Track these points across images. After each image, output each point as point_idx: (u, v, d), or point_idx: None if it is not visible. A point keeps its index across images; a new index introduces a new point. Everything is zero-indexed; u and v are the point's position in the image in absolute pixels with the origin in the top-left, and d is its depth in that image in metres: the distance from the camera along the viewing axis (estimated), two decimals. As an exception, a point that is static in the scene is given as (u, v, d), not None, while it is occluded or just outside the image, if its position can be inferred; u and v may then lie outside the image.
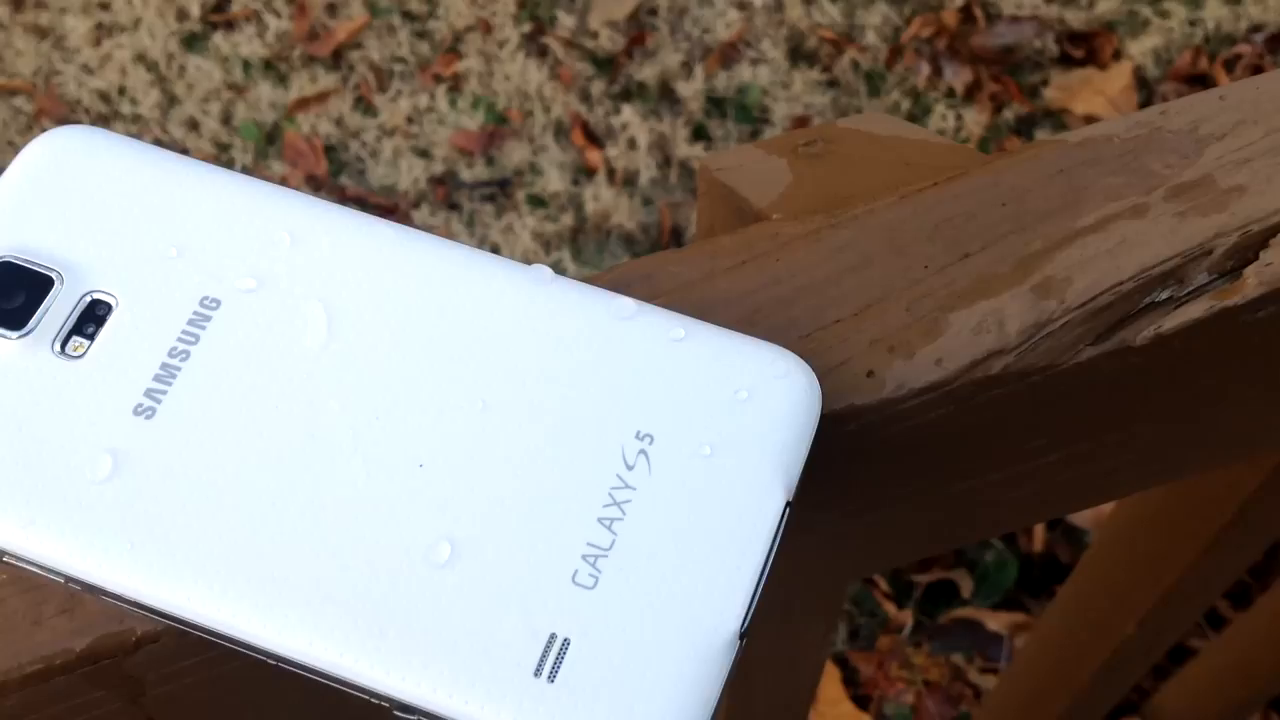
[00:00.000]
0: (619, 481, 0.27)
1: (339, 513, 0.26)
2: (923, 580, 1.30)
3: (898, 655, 1.23)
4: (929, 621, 1.27)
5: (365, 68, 1.55)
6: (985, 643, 1.25)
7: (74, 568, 0.26)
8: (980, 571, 1.31)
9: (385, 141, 1.48)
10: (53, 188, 0.29)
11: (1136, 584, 0.68)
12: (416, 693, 0.25)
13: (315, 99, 1.52)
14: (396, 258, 0.29)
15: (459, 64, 1.55)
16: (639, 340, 0.28)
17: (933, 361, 0.28)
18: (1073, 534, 1.33)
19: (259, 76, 1.53)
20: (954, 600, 1.29)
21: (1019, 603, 1.30)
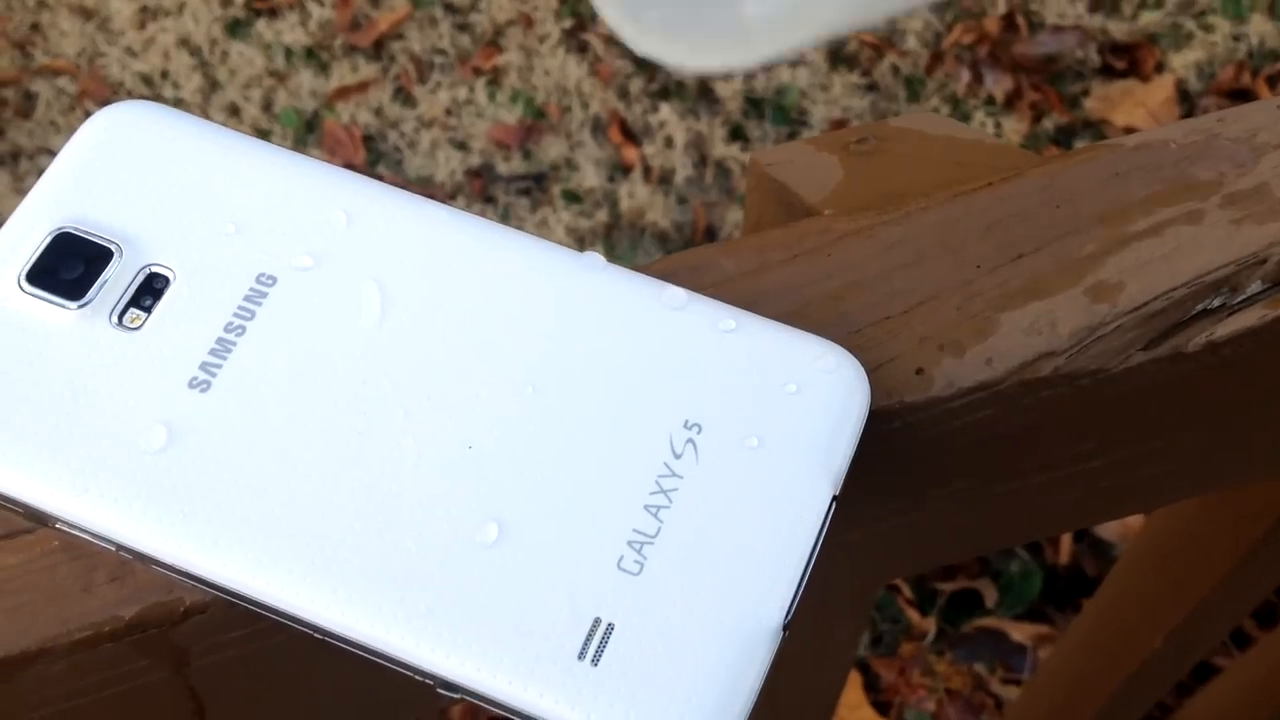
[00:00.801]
0: (666, 470, 0.27)
1: (388, 490, 0.27)
2: (947, 589, 1.29)
3: (920, 662, 1.23)
4: (952, 630, 1.27)
5: (406, 59, 1.55)
6: (1008, 653, 1.25)
7: (125, 536, 0.26)
8: (1005, 581, 1.31)
9: (423, 133, 1.49)
10: (114, 161, 0.30)
11: (1167, 597, 0.68)
12: (460, 671, 0.25)
13: (355, 88, 1.52)
14: (452, 240, 0.29)
15: (499, 58, 1.56)
16: (689, 330, 0.28)
17: (983, 361, 0.28)
18: (1099, 547, 1.32)
19: (300, 64, 1.54)
20: (977, 610, 1.29)
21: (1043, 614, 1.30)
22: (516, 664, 0.25)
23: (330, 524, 0.26)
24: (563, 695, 0.25)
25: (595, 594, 0.26)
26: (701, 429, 0.27)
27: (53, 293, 0.28)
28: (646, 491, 0.27)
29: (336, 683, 0.31)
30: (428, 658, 0.25)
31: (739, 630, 0.26)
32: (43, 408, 0.27)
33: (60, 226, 0.29)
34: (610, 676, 0.25)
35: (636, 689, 0.25)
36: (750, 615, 0.26)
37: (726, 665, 0.25)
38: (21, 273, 0.28)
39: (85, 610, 0.26)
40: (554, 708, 0.25)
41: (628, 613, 0.26)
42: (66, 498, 0.26)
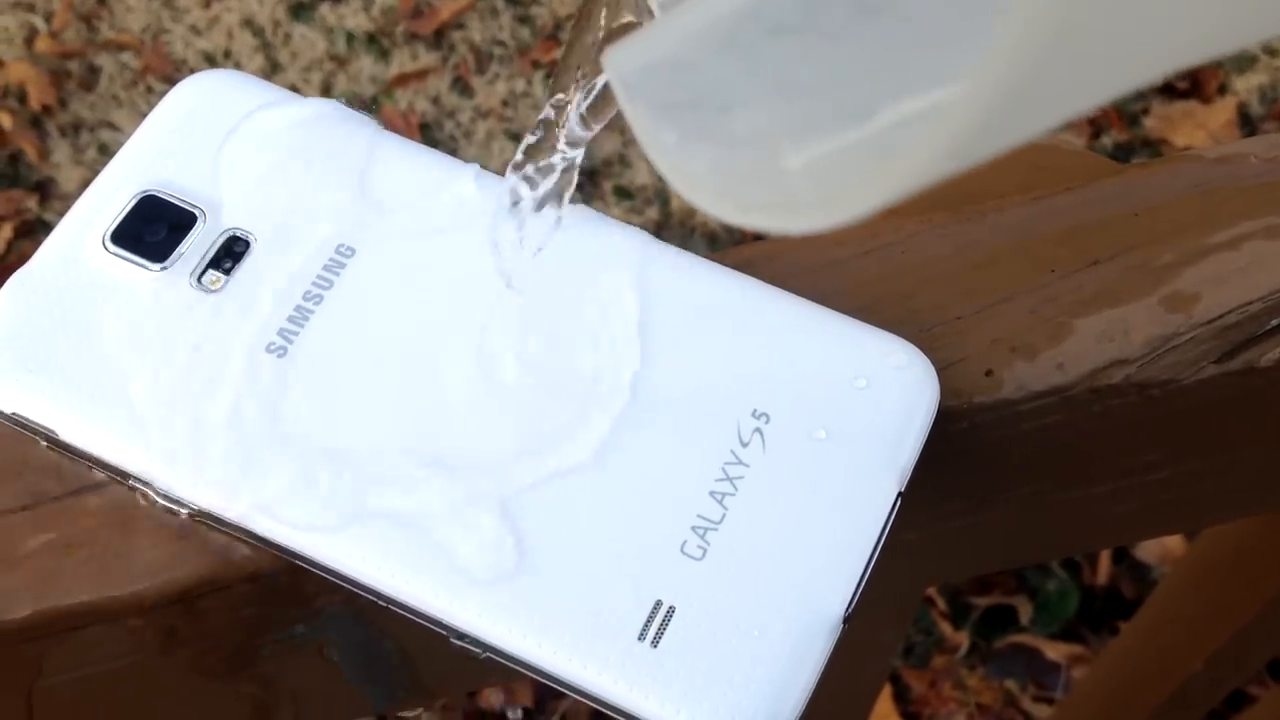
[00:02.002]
0: (733, 457, 0.27)
1: (456, 465, 0.27)
2: (982, 603, 1.29)
3: (951, 675, 1.22)
4: (984, 645, 1.26)
5: (466, 48, 1.56)
6: (1041, 671, 1.24)
7: (197, 497, 0.27)
8: (1041, 599, 1.30)
9: (479, 123, 1.50)
10: (199, 128, 0.30)
11: (1211, 618, 0.67)
12: (520, 646, 0.25)
13: (415, 76, 1.53)
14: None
15: (557, 51, 1.56)
16: (761, 320, 0.28)
17: (1054, 365, 0.28)
18: (1138, 569, 1.31)
19: (361, 50, 1.55)
20: (1011, 626, 1.28)
21: (1077, 634, 1.29)
22: (577, 642, 0.25)
23: (399, 500, 0.26)
24: (621, 674, 0.25)
25: (658, 577, 0.26)
26: (769, 419, 0.27)
27: (136, 253, 0.28)
28: (712, 478, 0.27)
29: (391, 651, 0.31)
30: (489, 630, 0.26)
31: (799, 620, 0.26)
32: (121, 366, 0.27)
33: (145, 189, 0.29)
34: (669, 658, 0.25)
35: (694, 672, 0.25)
36: (811, 606, 0.26)
37: (785, 654, 0.25)
38: (106, 233, 0.29)
39: (153, 567, 0.27)
40: (612, 686, 0.25)
41: (689, 597, 0.26)
42: (141, 455, 0.27)
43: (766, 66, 0.15)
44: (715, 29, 0.15)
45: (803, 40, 0.14)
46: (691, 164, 0.16)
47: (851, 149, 0.14)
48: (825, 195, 0.14)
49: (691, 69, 0.16)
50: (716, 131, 0.16)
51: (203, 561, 0.27)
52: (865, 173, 0.13)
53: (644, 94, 0.17)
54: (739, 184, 0.15)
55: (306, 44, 1.55)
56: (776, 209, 0.15)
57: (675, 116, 0.16)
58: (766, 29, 0.14)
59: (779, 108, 0.15)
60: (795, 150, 0.14)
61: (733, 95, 0.15)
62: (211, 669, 0.31)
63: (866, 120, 0.14)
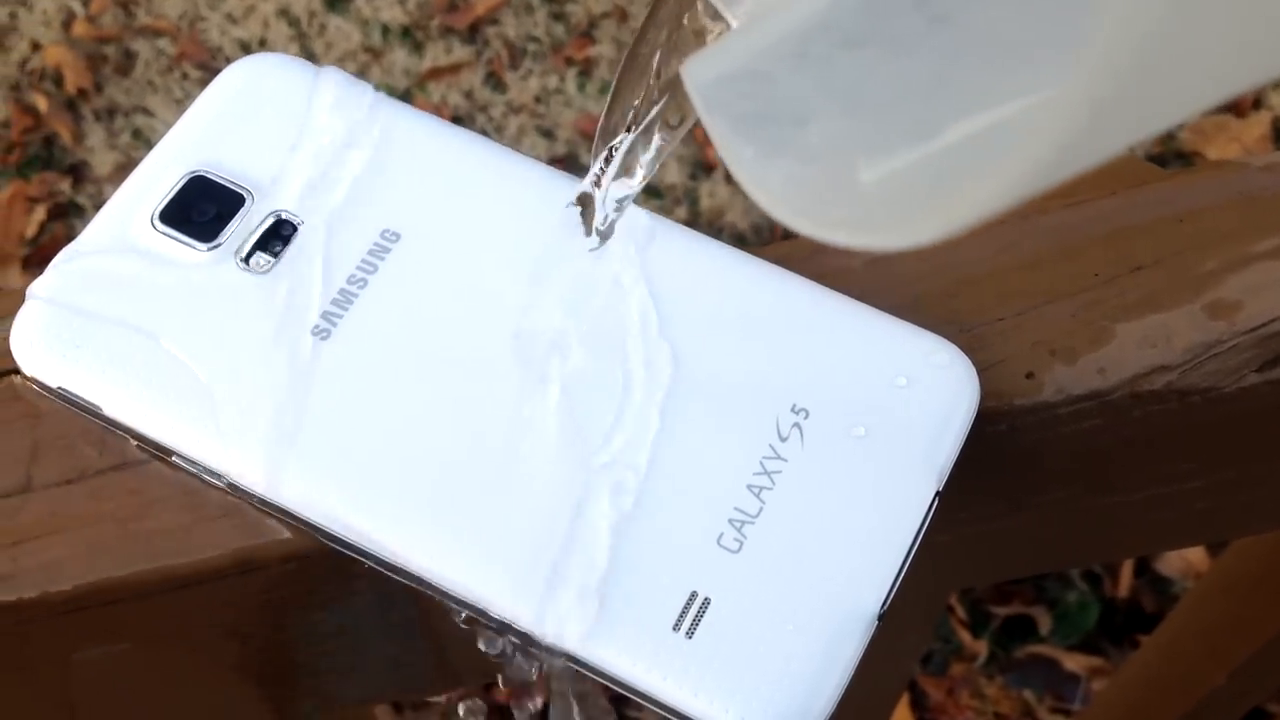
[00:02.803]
0: (771, 452, 0.27)
1: (496, 452, 0.27)
2: (1001, 613, 1.28)
3: (969, 684, 1.22)
4: (1003, 654, 1.26)
5: (500, 44, 1.57)
6: (1060, 682, 1.23)
7: (237, 473, 0.27)
8: (1060, 611, 1.29)
9: (511, 118, 1.50)
10: (248, 110, 0.30)
11: (1235, 632, 0.67)
12: (555, 632, 0.26)
13: (448, 70, 1.54)
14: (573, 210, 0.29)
15: (591, 49, 1.56)
16: (802, 315, 0.28)
17: (1095, 370, 0.28)
18: (1160, 583, 1.30)
19: (396, 42, 1.56)
20: (1030, 636, 1.28)
21: (1097, 646, 1.28)
22: (612, 630, 0.25)
23: (436, 480, 0.27)
24: (655, 664, 0.25)
25: (694, 568, 0.26)
26: (809, 414, 0.27)
27: (183, 233, 0.29)
28: (750, 471, 0.27)
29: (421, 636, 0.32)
30: (522, 616, 0.26)
31: (834, 616, 0.26)
32: (165, 344, 0.28)
33: (194, 170, 0.29)
34: (703, 650, 0.25)
35: (728, 664, 0.25)
36: (846, 603, 0.26)
37: (819, 649, 0.26)
38: (155, 212, 0.29)
39: (193, 544, 0.27)
40: (645, 675, 0.25)
41: (724, 589, 0.26)
42: (183, 432, 0.27)
43: (839, 79, 0.15)
44: (788, 41, 0.15)
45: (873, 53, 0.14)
46: (769, 178, 0.16)
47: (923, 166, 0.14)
48: (900, 214, 0.14)
49: (766, 81, 0.16)
50: (792, 145, 0.16)
51: (241, 540, 0.27)
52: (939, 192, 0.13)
53: (721, 107, 0.17)
54: (815, 199, 0.15)
55: (341, 35, 1.56)
56: (853, 226, 0.15)
57: (752, 130, 0.16)
58: (838, 41, 0.14)
59: (851, 121, 0.15)
60: (869, 166, 0.14)
61: (807, 108, 0.15)
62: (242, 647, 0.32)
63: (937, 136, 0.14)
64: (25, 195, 1.39)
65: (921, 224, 0.13)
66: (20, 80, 1.48)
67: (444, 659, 0.34)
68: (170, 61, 1.52)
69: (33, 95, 1.46)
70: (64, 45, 1.50)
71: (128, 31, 1.54)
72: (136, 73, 1.51)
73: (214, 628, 0.30)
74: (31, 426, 0.28)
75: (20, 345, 0.28)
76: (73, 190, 1.39)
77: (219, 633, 0.30)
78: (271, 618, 0.30)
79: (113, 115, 1.47)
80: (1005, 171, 0.12)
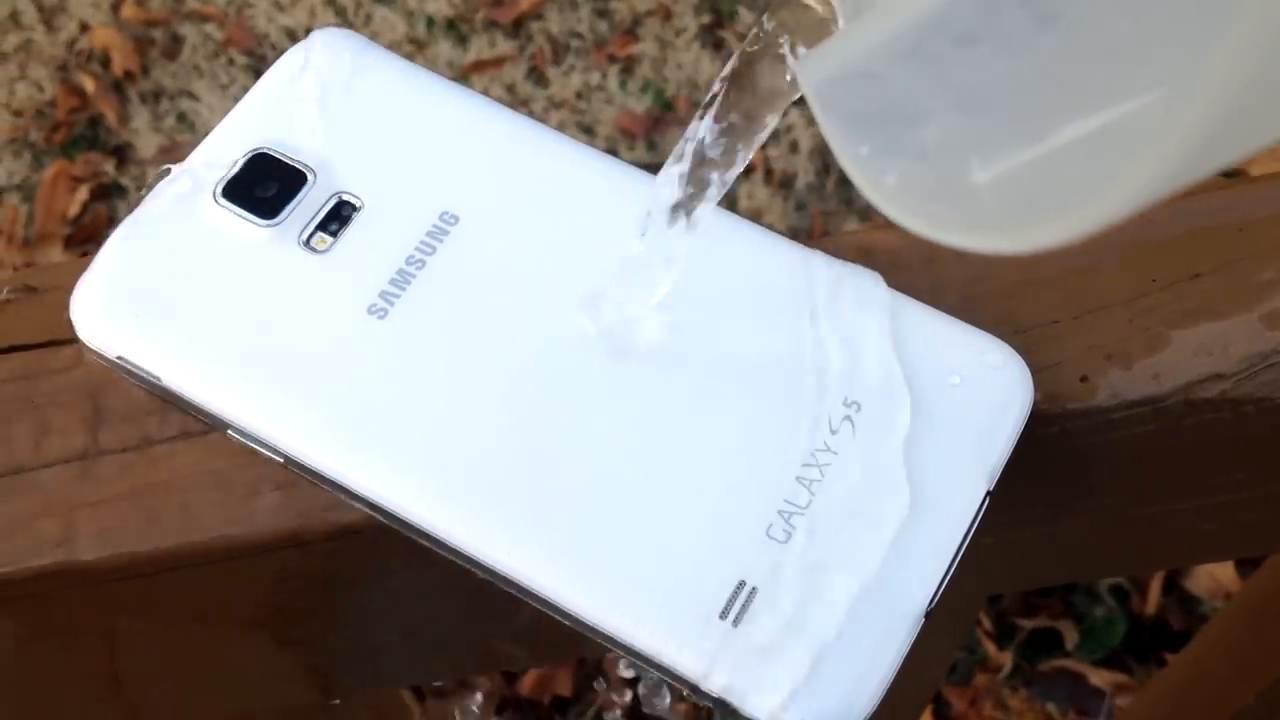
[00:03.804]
0: (822, 445, 0.27)
1: (549, 438, 0.27)
2: (1028, 625, 1.28)
3: (993, 695, 1.21)
4: (1028, 666, 1.25)
5: (543, 39, 1.57)
6: (1084, 696, 1.23)
7: (293, 448, 0.27)
8: (1087, 625, 1.29)
9: (552, 113, 1.50)
10: (313, 89, 0.30)
11: (1266, 651, 0.66)
12: (601, 617, 0.26)
13: (491, 63, 1.54)
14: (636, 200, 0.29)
15: (634, 46, 1.57)
16: (856, 309, 0.28)
17: (1150, 375, 0.28)
18: (1188, 601, 1.30)
19: (440, 35, 1.56)
20: (1055, 650, 1.27)
21: (1122, 663, 1.27)
22: (659, 616, 0.26)
23: (487, 462, 0.27)
24: (701, 652, 0.25)
25: (742, 557, 0.26)
26: (860, 408, 0.27)
27: (245, 209, 0.29)
28: (800, 463, 0.27)
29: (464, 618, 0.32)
30: (570, 599, 0.26)
31: (881, 611, 0.26)
32: (226, 317, 0.28)
33: (258, 147, 0.30)
34: (749, 639, 0.25)
35: (773, 654, 0.25)
36: (893, 599, 0.26)
37: (865, 643, 0.26)
38: (218, 187, 0.29)
39: (247, 516, 0.27)
40: (690, 663, 0.25)
41: (772, 580, 0.26)
42: (240, 406, 0.27)
43: (952, 77, 0.15)
44: (901, 39, 0.15)
45: (986, 51, 0.14)
46: (884, 177, 0.16)
47: (1039, 168, 0.14)
48: (1017, 217, 0.14)
49: (880, 80, 0.16)
50: (906, 144, 0.16)
51: (295, 515, 0.27)
52: (1057, 196, 0.13)
53: (835, 106, 0.17)
54: (930, 199, 0.15)
55: (387, 26, 1.57)
56: (968, 227, 0.15)
57: (866, 129, 0.16)
58: (951, 39, 0.14)
59: (965, 120, 0.15)
60: (983, 166, 0.14)
61: (920, 107, 0.16)
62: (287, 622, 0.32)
63: (1051, 136, 0.13)
64: (69, 175, 1.40)
65: (1040, 228, 0.13)
66: (68, 60, 1.49)
67: (489, 645, 0.34)
68: (217, 47, 1.53)
69: (80, 76, 1.48)
70: (112, 27, 1.51)
71: (175, 16, 1.55)
72: (183, 57, 1.52)
73: (262, 602, 0.30)
74: (93, 395, 0.28)
75: (81, 314, 0.28)
76: (116, 171, 1.41)
77: (265, 607, 0.31)
78: (320, 594, 0.30)
79: (158, 98, 1.48)
80: (1126, 175, 0.12)
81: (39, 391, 0.29)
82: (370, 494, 0.27)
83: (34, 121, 1.44)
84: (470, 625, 0.33)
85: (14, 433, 0.28)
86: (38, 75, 1.47)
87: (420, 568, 0.28)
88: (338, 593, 0.31)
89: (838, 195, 1.48)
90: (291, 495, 0.27)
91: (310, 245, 0.29)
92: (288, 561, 0.28)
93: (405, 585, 0.31)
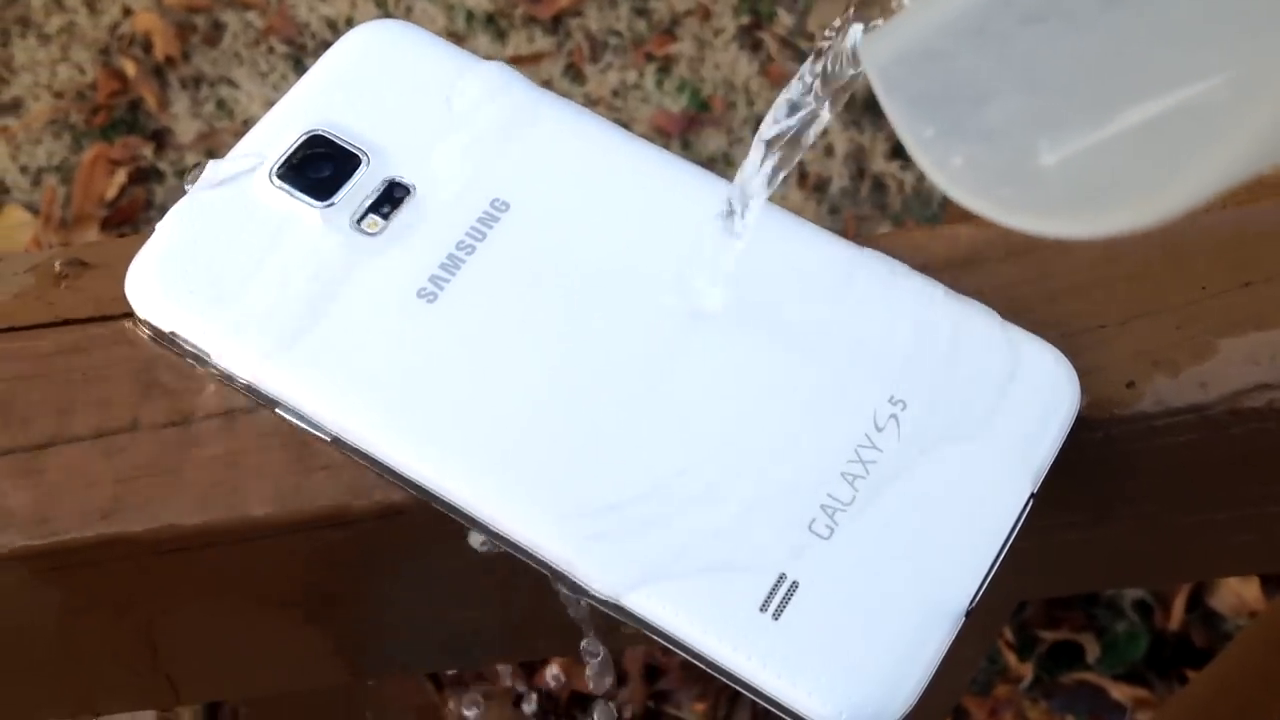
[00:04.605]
0: (867, 441, 0.27)
1: (595, 423, 0.27)
2: (1049, 637, 1.27)
3: (1013, 706, 1.21)
4: (1048, 679, 1.25)
5: (581, 36, 1.57)
6: (1105, 710, 1.22)
7: (340, 426, 0.27)
8: (1109, 639, 1.28)
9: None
10: (368, 74, 0.31)
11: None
12: (643, 605, 0.26)
13: (529, 58, 1.55)
14: (692, 196, 0.29)
15: (672, 46, 1.57)
16: (905, 308, 0.28)
17: (1197, 383, 0.28)
18: (1212, 619, 1.29)
19: (479, 29, 1.57)
20: (1076, 663, 1.26)
21: (1143, 678, 1.27)
22: (699, 606, 0.26)
23: (530, 447, 0.27)
24: (739, 642, 0.25)
25: (784, 551, 0.26)
26: (906, 406, 0.27)
27: (300, 190, 0.29)
28: (845, 460, 0.27)
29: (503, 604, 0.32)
30: (610, 584, 0.26)
31: (922, 609, 0.26)
32: (277, 296, 0.28)
33: (314, 129, 0.30)
34: (787, 632, 0.25)
35: (811, 649, 0.25)
36: (934, 596, 0.26)
37: (904, 641, 0.26)
38: (274, 167, 0.29)
39: (293, 494, 0.28)
40: (729, 654, 0.25)
41: (813, 574, 0.26)
42: (290, 384, 0.28)
43: (1018, 56, 0.15)
44: (966, 18, 0.15)
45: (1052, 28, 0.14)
46: (950, 159, 0.16)
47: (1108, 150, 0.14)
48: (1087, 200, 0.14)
49: (945, 59, 0.16)
50: (972, 124, 0.16)
51: (340, 493, 0.28)
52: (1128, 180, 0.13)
53: (900, 86, 0.17)
54: (996, 180, 0.15)
55: (426, 18, 1.57)
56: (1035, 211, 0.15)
57: (932, 109, 0.16)
58: (1017, 16, 0.14)
59: (1031, 100, 0.15)
60: (1050, 147, 0.14)
61: (986, 86, 0.15)
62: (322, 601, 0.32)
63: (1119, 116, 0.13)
64: (108, 158, 1.42)
65: (1110, 214, 0.13)
66: (110, 44, 1.50)
67: (521, 631, 0.34)
68: (258, 35, 1.54)
69: (121, 60, 1.49)
70: (155, 12, 1.52)
71: (218, 3, 1.56)
72: (224, 44, 1.53)
73: (300, 580, 0.31)
74: (142, 369, 0.29)
75: (135, 289, 0.28)
76: (154, 156, 1.42)
77: (302, 586, 0.31)
78: (358, 574, 0.31)
79: (198, 84, 1.49)
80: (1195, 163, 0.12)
81: (89, 364, 0.29)
82: (415, 475, 0.27)
83: (74, 104, 1.45)
84: (506, 611, 0.33)
85: (64, 404, 0.29)
86: (80, 58, 1.49)
87: (462, 552, 0.28)
88: (375, 574, 0.31)
89: (871, 200, 1.48)
90: (337, 475, 0.28)
91: (362, 228, 0.29)
92: (330, 540, 0.28)
93: (444, 569, 0.31)
